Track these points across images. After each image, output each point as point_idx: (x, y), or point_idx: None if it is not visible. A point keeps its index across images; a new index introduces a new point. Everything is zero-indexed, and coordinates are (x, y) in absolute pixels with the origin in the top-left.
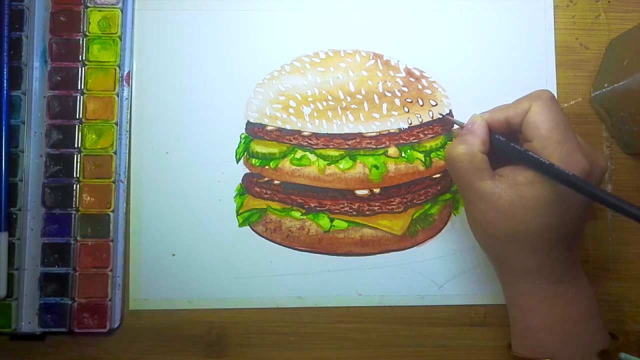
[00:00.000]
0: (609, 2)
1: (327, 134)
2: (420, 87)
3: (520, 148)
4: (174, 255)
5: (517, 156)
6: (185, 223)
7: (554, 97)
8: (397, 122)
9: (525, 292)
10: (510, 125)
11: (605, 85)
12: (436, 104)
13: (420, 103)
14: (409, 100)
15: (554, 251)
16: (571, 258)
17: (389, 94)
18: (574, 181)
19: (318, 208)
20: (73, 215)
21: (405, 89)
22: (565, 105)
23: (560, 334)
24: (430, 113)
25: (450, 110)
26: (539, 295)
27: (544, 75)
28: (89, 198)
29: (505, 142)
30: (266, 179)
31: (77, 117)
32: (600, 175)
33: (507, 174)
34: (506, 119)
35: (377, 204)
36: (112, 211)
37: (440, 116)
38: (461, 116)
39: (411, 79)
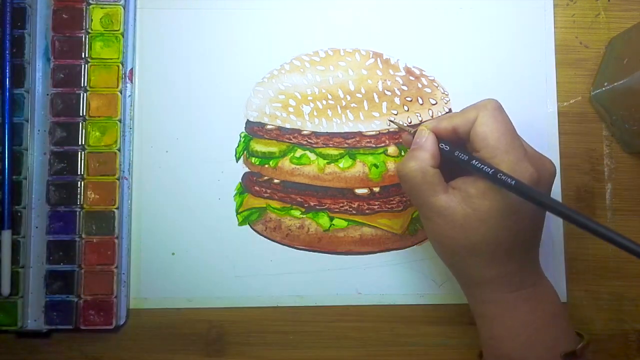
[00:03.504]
0: (608, 0)
1: (326, 132)
2: (420, 85)
3: (463, 157)
4: (173, 254)
5: (463, 165)
6: (185, 222)
7: (500, 106)
8: (396, 121)
9: (486, 302)
10: (457, 134)
11: (605, 84)
12: (436, 103)
13: (420, 102)
14: (409, 99)
15: (512, 260)
16: (530, 265)
17: (388, 93)
18: (520, 188)
19: (318, 207)
20: (78, 213)
21: (405, 88)
22: (565, 104)
23: (523, 341)
24: (430, 112)
25: (450, 109)
26: (500, 305)
27: (543, 74)
28: (93, 195)
29: (450, 152)
30: (266, 177)
31: (81, 114)
32: (550, 180)
33: (460, 186)
34: (454, 128)
35: (376, 203)
36: (117, 208)
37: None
38: None
39: (411, 77)
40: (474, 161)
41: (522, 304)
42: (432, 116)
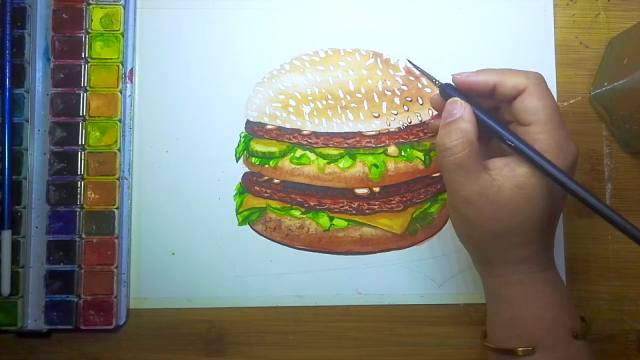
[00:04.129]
0: (608, 0)
1: (326, 132)
2: (420, 85)
3: (511, 143)
4: (173, 254)
5: (509, 147)
6: (185, 222)
7: (545, 80)
8: (396, 120)
9: (514, 283)
10: (495, 93)
11: (605, 83)
12: None
13: (420, 102)
14: (409, 98)
15: (545, 239)
16: (552, 245)
17: (388, 93)
18: (564, 182)
19: (318, 207)
20: (78, 213)
21: (405, 88)
22: (565, 103)
23: (547, 321)
24: (430, 112)
25: None
26: (527, 284)
27: (543, 74)
28: (93, 195)
29: (494, 128)
30: (266, 177)
31: (81, 114)
32: (577, 162)
33: (502, 166)
34: (495, 86)
35: (376, 203)
36: (117, 208)
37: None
38: None
39: (411, 77)
40: (526, 147)
41: (546, 285)
42: (432, 116)
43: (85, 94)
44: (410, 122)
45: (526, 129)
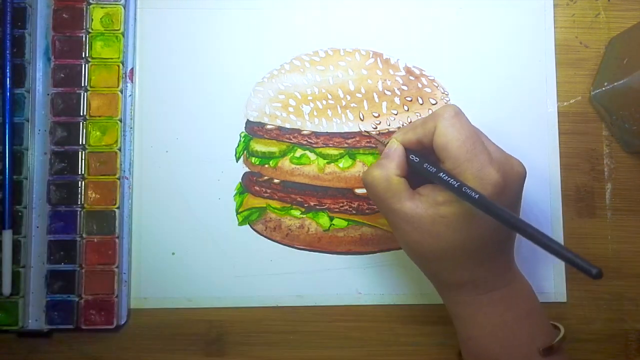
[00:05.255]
0: (608, 0)
1: (326, 132)
2: (420, 85)
3: (431, 170)
4: (173, 254)
5: (431, 178)
6: (185, 222)
7: (459, 111)
8: (396, 120)
9: (460, 303)
10: (423, 145)
11: (605, 83)
12: (436, 103)
13: (420, 102)
14: (409, 98)
15: (482, 265)
16: (502, 267)
17: (388, 93)
18: (483, 202)
19: (318, 207)
20: (78, 212)
21: (405, 88)
22: (565, 103)
23: (500, 339)
24: (430, 112)
25: None
26: (474, 306)
27: (543, 74)
28: (94, 195)
29: (419, 164)
30: (266, 177)
31: (81, 114)
32: (518, 183)
33: (427, 192)
34: (418, 140)
35: None
36: (118, 208)
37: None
38: None
39: (411, 77)
40: (441, 174)
41: (496, 304)
42: None
43: (85, 94)
44: (410, 122)
45: (443, 165)
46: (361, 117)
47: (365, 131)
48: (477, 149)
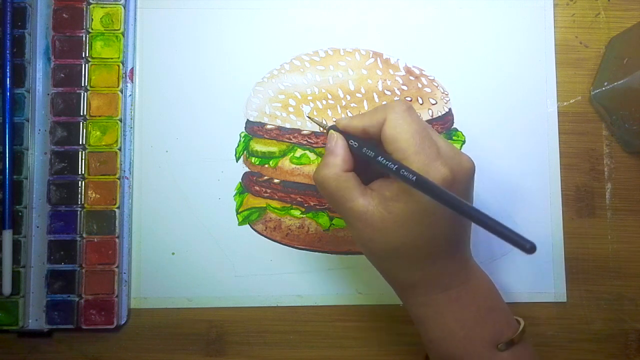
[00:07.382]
0: (608, 0)
1: None
2: (420, 85)
3: (370, 154)
4: (173, 254)
5: (371, 162)
6: (185, 222)
7: (410, 107)
8: (314, 118)
9: (418, 305)
10: (368, 134)
11: (605, 83)
12: (436, 103)
13: (420, 102)
14: (409, 98)
15: (435, 262)
16: (458, 264)
17: (388, 93)
18: (421, 184)
19: (318, 207)
20: (79, 212)
21: (405, 88)
22: (565, 103)
23: (461, 339)
24: (430, 112)
25: (450, 109)
26: (431, 306)
27: (543, 74)
28: (94, 195)
29: (358, 149)
30: (266, 177)
31: (82, 113)
32: (467, 178)
33: (377, 188)
34: (364, 129)
35: None
36: (118, 207)
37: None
38: (460, 115)
39: (411, 77)
40: (380, 157)
41: (453, 303)
42: (432, 116)
43: (85, 94)
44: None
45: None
46: None
47: (307, 116)
48: (425, 143)
